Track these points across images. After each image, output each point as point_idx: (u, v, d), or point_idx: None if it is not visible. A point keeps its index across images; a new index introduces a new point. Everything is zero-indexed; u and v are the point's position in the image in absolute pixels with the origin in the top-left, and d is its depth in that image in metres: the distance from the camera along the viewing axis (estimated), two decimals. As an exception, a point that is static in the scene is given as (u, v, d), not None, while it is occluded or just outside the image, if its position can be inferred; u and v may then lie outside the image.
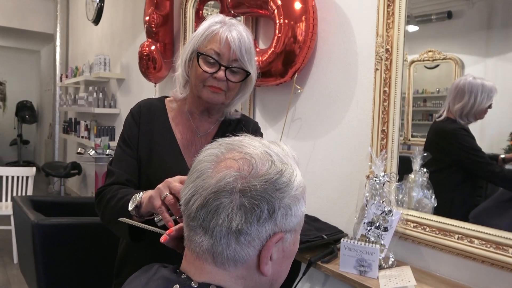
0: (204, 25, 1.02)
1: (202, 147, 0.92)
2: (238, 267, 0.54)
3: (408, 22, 1.40)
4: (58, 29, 5.75)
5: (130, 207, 0.87)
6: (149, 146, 1.06)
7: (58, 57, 5.79)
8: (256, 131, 1.18)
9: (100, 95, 3.85)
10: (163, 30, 2.67)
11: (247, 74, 1.03)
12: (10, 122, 8.52)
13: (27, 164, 7.42)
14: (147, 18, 2.64)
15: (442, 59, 1.37)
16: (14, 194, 3.35)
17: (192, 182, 0.56)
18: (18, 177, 3.43)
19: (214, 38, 0.99)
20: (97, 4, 4.29)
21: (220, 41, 0.98)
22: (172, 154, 1.06)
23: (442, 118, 1.38)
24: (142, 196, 0.87)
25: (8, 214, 3.27)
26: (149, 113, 1.09)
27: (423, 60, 1.42)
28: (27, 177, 3.43)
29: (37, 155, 8.65)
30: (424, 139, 1.44)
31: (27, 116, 8.29)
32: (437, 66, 1.40)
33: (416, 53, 1.42)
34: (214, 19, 1.02)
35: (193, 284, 0.53)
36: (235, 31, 0.99)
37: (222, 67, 0.99)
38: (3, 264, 3.27)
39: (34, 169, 3.49)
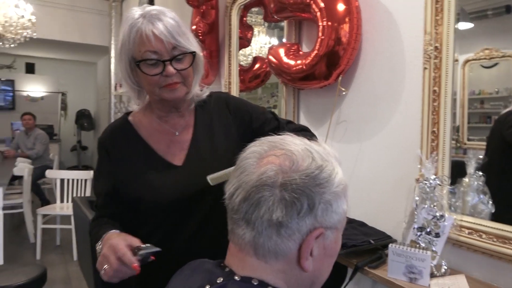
0: (125, 29, 0.94)
1: (185, 142, 0.93)
2: (279, 260, 0.55)
3: (461, 19, 1.33)
4: (112, 42, 6.11)
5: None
6: (128, 170, 1.01)
7: (112, 68, 6.15)
8: (227, 100, 1.12)
9: (129, 106, 4.03)
10: (209, 38, 2.75)
11: (193, 54, 0.97)
12: (70, 130, 9.17)
13: (86, 168, 7.91)
14: (194, 27, 2.73)
15: (501, 57, 1.29)
16: (74, 195, 3.60)
17: (236, 177, 0.58)
18: (78, 180, 3.68)
19: (142, 39, 0.91)
20: (148, 16, 4.51)
21: (149, 39, 0.90)
22: (154, 165, 1.01)
23: (504, 111, 1.31)
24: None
25: (68, 214, 3.52)
26: (115, 140, 1.04)
27: (479, 59, 1.34)
28: (86, 180, 3.67)
29: (94, 160, 9.20)
30: (482, 143, 1.36)
31: (85, 124, 8.88)
32: (495, 64, 1.32)
33: (471, 52, 1.34)
34: (132, 18, 0.93)
35: (236, 278, 0.55)
36: (157, 21, 0.91)
37: (167, 62, 0.92)
38: (64, 261, 3.52)
39: (91, 172, 3.73)
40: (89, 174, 3.69)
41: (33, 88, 8.52)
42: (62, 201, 3.75)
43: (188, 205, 0.98)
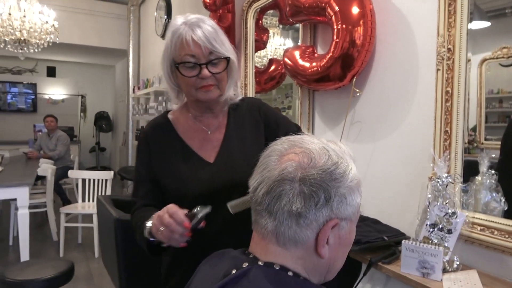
0: (168, 35, 1.04)
1: (217, 140, 1.00)
2: (298, 248, 0.60)
3: (478, 18, 1.35)
4: (130, 45, 6.27)
5: (147, 235, 0.96)
6: (166, 163, 1.09)
7: (130, 71, 6.30)
8: (260, 106, 1.20)
9: (169, 104, 4.14)
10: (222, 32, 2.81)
11: (228, 59, 1.05)
12: (89, 131, 9.40)
13: (104, 169, 8.10)
14: (211, 30, 2.80)
15: None
16: (95, 195, 3.72)
17: (259, 173, 0.64)
18: (98, 180, 3.80)
19: (182, 44, 1.00)
20: (165, 20, 4.62)
21: (188, 44, 0.99)
22: (186, 158, 1.09)
23: None
24: (148, 230, 0.96)
25: (90, 213, 3.64)
26: (155, 135, 1.13)
27: (497, 58, 1.33)
28: (106, 180, 3.78)
29: (112, 161, 9.42)
30: (500, 142, 1.36)
31: (104, 126, 9.10)
32: None
33: (488, 51, 1.35)
34: (175, 25, 1.03)
35: (259, 263, 0.61)
36: (197, 28, 1.00)
37: (203, 66, 1.01)
38: (86, 258, 3.64)
39: (112, 172, 3.85)
40: (109, 174, 3.81)
41: (54, 91, 8.78)
42: (83, 200, 3.88)
43: (217, 198, 1.04)
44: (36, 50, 4.35)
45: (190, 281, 0.72)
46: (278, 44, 3.02)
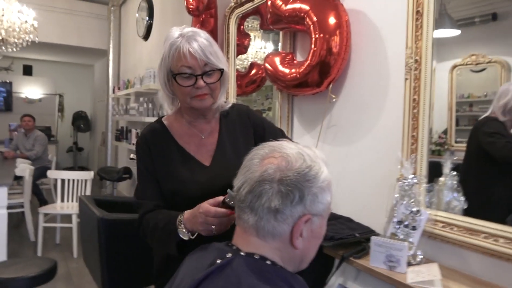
0: (166, 47, 1.10)
1: (211, 145, 1.09)
2: (275, 240, 0.69)
3: (449, 26, 1.44)
4: (111, 45, 6.23)
5: (185, 237, 1.02)
6: (165, 165, 1.16)
7: (111, 71, 6.27)
8: (248, 113, 1.29)
9: (150, 105, 4.17)
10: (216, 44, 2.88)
11: (221, 71, 1.13)
12: (67, 131, 9.25)
13: (82, 169, 8.00)
14: (193, 34, 2.86)
15: (487, 63, 1.37)
16: (74, 195, 3.71)
17: (242, 174, 0.73)
18: (78, 180, 3.79)
19: (179, 55, 1.07)
20: (147, 21, 4.64)
21: (185, 56, 1.06)
22: (185, 162, 1.16)
23: (483, 117, 1.42)
24: (187, 228, 1.01)
25: (70, 213, 3.63)
26: (154, 139, 1.19)
27: (466, 64, 1.41)
28: (86, 180, 3.78)
29: (90, 161, 9.29)
30: None
31: (82, 125, 8.98)
32: (484, 69, 1.39)
33: (458, 57, 1.44)
34: (172, 37, 1.09)
35: (241, 253, 0.69)
36: (193, 41, 1.07)
37: (198, 76, 1.08)
38: (64, 258, 3.62)
39: (92, 173, 3.84)
40: (89, 175, 3.81)
41: (31, 90, 8.60)
42: (62, 200, 3.86)
43: None
44: (14, 49, 4.29)
45: (176, 273, 0.79)
46: (259, 47, 3.11)
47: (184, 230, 1.02)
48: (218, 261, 0.68)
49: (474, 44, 1.43)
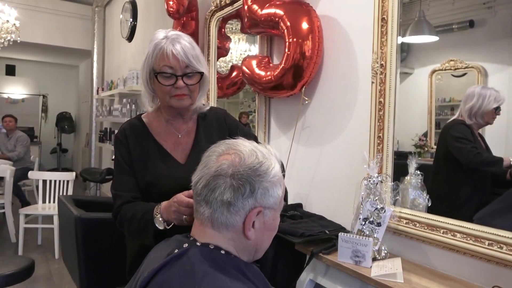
0: (151, 46, 1.16)
1: (187, 144, 1.13)
2: (229, 231, 0.74)
3: (428, 32, 1.50)
4: (95, 46, 6.21)
5: (161, 227, 1.06)
6: (142, 160, 1.20)
7: (95, 72, 6.24)
8: (225, 116, 1.36)
9: (133, 106, 4.18)
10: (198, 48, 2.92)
11: (201, 74, 1.18)
12: (50, 132, 9.15)
13: (66, 170, 7.91)
14: (175, 36, 2.90)
15: (465, 68, 1.42)
16: (56, 196, 3.70)
17: (200, 170, 0.78)
18: (60, 181, 3.78)
19: (162, 55, 1.13)
20: (131, 23, 4.65)
21: (168, 56, 1.12)
22: (163, 158, 1.21)
23: (450, 120, 1.49)
24: (163, 217, 1.06)
25: (51, 214, 3.62)
26: (133, 133, 1.23)
27: (445, 70, 1.47)
28: (68, 181, 3.77)
29: (74, 162, 9.21)
30: None
31: (66, 126, 8.89)
32: (464, 74, 1.44)
33: (437, 63, 1.50)
34: (158, 38, 1.15)
35: (197, 243, 0.74)
36: (177, 43, 1.13)
37: (179, 77, 1.14)
38: (46, 259, 3.61)
39: (74, 173, 3.84)
40: (71, 176, 3.80)
41: (14, 90, 8.49)
42: (44, 201, 3.84)
43: None
44: (-5, 49, 4.26)
45: (141, 265, 0.84)
46: (243, 50, 3.16)
47: (160, 219, 1.07)
48: (176, 251, 0.73)
49: (452, 50, 1.49)
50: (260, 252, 0.79)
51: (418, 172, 1.52)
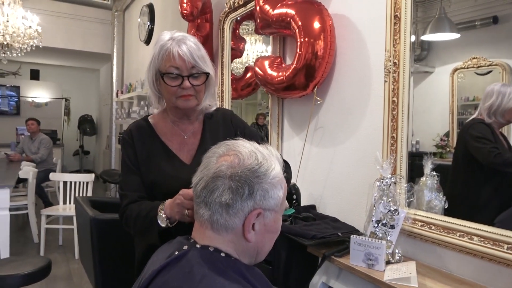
0: (157, 48, 1.16)
1: (193, 144, 1.13)
2: (228, 233, 0.73)
3: (449, 30, 1.47)
4: (115, 50, 6.33)
5: (163, 224, 1.06)
6: (148, 160, 1.21)
7: (114, 75, 6.36)
8: (232, 117, 1.35)
9: (150, 109, 4.23)
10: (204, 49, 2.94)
11: (207, 74, 1.18)
12: (73, 135, 9.39)
13: (88, 172, 8.10)
14: (189, 39, 2.92)
15: (488, 65, 1.38)
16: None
17: (200, 171, 0.77)
18: (79, 183, 3.87)
19: (168, 56, 1.13)
20: (148, 26, 4.72)
21: (174, 57, 1.12)
22: (168, 158, 1.22)
23: (470, 119, 1.44)
24: (166, 214, 1.06)
25: (71, 215, 3.70)
26: (139, 134, 1.24)
27: (467, 68, 1.43)
28: (87, 183, 3.86)
29: (96, 164, 9.41)
30: None
31: (88, 129, 9.10)
32: (489, 72, 1.40)
33: (459, 61, 1.46)
34: (163, 39, 1.16)
35: (197, 246, 0.73)
36: (183, 44, 1.13)
37: (185, 77, 1.14)
38: (66, 259, 3.70)
39: (93, 175, 3.92)
40: (91, 177, 3.88)
41: (38, 94, 8.75)
42: (64, 202, 3.94)
43: None
44: (19, 54, 4.40)
45: (145, 266, 0.84)
46: (260, 50, 3.15)
47: (163, 216, 1.06)
48: (176, 253, 0.72)
49: (475, 47, 1.45)
50: (262, 255, 0.78)
51: (434, 173, 1.47)
